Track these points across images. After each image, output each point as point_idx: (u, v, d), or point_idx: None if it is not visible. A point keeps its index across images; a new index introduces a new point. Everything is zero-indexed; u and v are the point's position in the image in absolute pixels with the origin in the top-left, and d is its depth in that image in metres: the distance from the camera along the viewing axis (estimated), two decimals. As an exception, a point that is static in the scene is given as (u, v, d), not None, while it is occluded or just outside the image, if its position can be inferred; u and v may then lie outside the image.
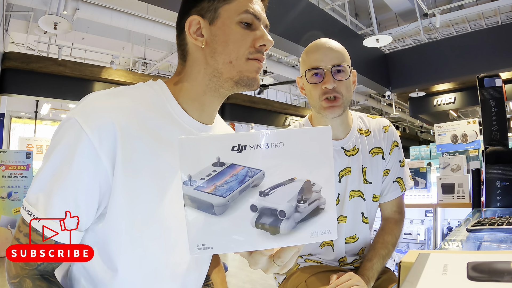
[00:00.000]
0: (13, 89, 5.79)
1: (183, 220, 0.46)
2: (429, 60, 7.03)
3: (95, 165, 0.61)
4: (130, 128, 0.62)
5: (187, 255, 0.66)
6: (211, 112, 0.75)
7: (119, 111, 0.62)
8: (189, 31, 0.69)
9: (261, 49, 0.69)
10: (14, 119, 10.01)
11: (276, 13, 4.87)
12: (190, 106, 0.71)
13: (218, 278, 0.93)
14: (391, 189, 1.18)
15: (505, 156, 1.46)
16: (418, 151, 3.26)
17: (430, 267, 0.42)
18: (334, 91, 1.02)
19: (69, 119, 0.61)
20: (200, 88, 0.71)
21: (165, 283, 0.71)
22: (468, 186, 2.35)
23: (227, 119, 9.23)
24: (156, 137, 0.65)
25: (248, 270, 4.08)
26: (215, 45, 0.68)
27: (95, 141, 0.60)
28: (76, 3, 4.85)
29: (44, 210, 0.60)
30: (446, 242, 0.82)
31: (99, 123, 0.60)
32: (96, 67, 6.50)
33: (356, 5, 6.74)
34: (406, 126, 16.64)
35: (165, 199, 0.66)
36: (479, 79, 1.60)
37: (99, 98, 0.64)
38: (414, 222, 2.77)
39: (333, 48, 1.05)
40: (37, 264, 0.62)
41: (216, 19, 0.68)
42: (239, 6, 0.68)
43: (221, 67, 0.68)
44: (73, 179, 0.60)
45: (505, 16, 6.32)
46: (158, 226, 0.67)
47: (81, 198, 0.61)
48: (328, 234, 0.46)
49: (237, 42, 0.67)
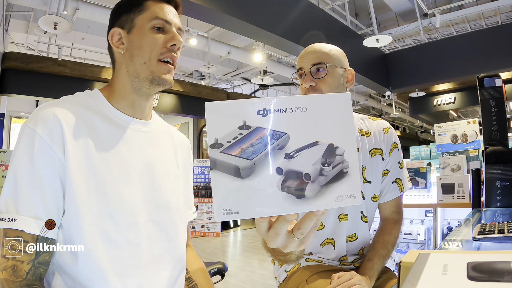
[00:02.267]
0: (13, 89, 5.79)
1: (134, 206, 0.58)
2: (429, 60, 7.03)
3: (52, 159, 0.69)
4: (73, 125, 0.72)
5: (153, 244, 0.78)
6: (143, 109, 0.86)
7: (63, 113, 0.72)
8: (112, 41, 0.82)
9: (172, 49, 0.81)
10: (14, 119, 10.01)
11: (276, 13, 4.87)
12: (122, 105, 0.83)
13: (201, 277, 0.97)
14: (390, 190, 1.20)
15: (505, 156, 1.46)
16: (418, 151, 3.26)
17: (430, 267, 0.42)
18: (313, 89, 1.09)
19: (23, 129, 0.71)
20: (127, 89, 0.82)
21: (130, 271, 0.75)
22: (468, 186, 2.35)
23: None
24: (94, 132, 0.75)
25: (248, 270, 4.07)
26: (133, 50, 0.80)
27: (47, 138, 0.69)
28: (76, 3, 4.85)
29: (16, 211, 0.66)
30: (446, 242, 0.82)
31: (48, 124, 0.70)
32: (96, 67, 6.50)
33: (356, 5, 6.73)
34: (406, 126, 16.64)
35: (109, 184, 0.74)
36: (479, 79, 1.60)
37: (45, 107, 0.73)
38: (414, 222, 2.77)
39: (315, 50, 1.12)
40: (26, 274, 0.66)
41: (133, 28, 0.80)
42: (150, 14, 0.80)
43: (138, 68, 0.80)
44: (37, 176, 0.68)
45: (505, 16, 6.32)
46: (108, 208, 0.73)
47: (48, 192, 0.68)
48: (352, 198, 0.46)
49: (150, 45, 0.79)
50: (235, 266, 4.33)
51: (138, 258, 0.76)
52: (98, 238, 0.71)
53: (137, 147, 0.81)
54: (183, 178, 0.93)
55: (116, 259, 0.72)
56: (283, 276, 1.20)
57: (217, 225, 6.40)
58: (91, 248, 0.70)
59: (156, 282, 0.79)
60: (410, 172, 2.73)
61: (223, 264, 1.49)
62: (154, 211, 0.80)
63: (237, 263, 4.52)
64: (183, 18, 5.94)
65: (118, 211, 0.74)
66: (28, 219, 0.66)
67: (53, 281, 0.72)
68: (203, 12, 4.08)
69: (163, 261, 0.82)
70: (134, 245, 0.75)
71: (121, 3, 0.84)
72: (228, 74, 9.30)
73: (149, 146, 0.84)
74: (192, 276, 0.96)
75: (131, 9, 0.81)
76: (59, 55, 6.13)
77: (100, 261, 0.70)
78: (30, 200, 0.67)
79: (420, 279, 0.39)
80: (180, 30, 0.85)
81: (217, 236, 6.33)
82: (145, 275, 0.77)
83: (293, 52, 5.47)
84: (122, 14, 0.81)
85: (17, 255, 0.65)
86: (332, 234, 1.14)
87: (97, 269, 0.70)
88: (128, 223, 0.75)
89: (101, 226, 0.71)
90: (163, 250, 0.82)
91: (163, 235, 0.82)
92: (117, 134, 0.79)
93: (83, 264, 0.70)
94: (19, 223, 0.65)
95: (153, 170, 0.82)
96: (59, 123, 0.70)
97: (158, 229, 0.81)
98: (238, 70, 8.98)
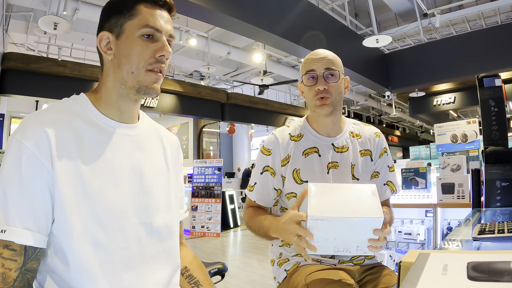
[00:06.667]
0: (13, 90, 5.79)
1: (122, 211, 0.69)
2: (429, 60, 7.03)
3: (40, 170, 0.69)
4: (59, 134, 0.72)
5: (144, 248, 0.79)
6: (130, 112, 0.85)
7: (49, 123, 0.72)
8: (100, 45, 0.80)
9: (160, 59, 0.79)
10: (14, 120, 10.01)
11: (276, 13, 4.87)
12: (109, 110, 0.82)
13: (201, 275, 0.97)
14: (382, 191, 1.27)
15: (505, 156, 1.46)
16: (418, 151, 3.26)
17: (430, 267, 0.43)
18: (325, 92, 1.17)
19: (11, 141, 0.71)
20: (113, 95, 0.81)
21: (120, 274, 0.75)
22: (468, 186, 2.35)
23: (227, 119, 9.23)
24: (81, 139, 0.75)
25: (248, 270, 4.07)
26: (120, 57, 0.78)
27: (35, 150, 0.69)
28: (76, 4, 4.85)
29: (5, 223, 0.66)
30: (446, 242, 0.82)
31: (35, 136, 0.70)
32: (96, 68, 6.49)
33: (356, 5, 6.74)
34: (406, 126, 16.64)
35: (97, 191, 0.74)
36: (478, 79, 1.60)
37: (32, 117, 0.73)
38: (414, 222, 2.77)
39: (326, 56, 1.20)
40: (13, 281, 0.67)
41: (122, 34, 0.78)
42: (140, 21, 0.77)
43: (125, 76, 0.78)
44: (25, 188, 0.68)
45: (504, 16, 6.32)
46: (97, 215, 0.73)
47: (36, 203, 0.69)
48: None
49: (138, 54, 0.77)
50: (235, 266, 4.33)
51: (129, 261, 0.77)
52: (88, 244, 0.72)
53: (124, 151, 0.81)
54: (174, 178, 0.93)
55: (106, 264, 0.73)
56: (282, 276, 1.21)
57: (217, 225, 6.39)
58: (81, 254, 0.71)
59: (150, 283, 0.80)
60: (410, 172, 2.73)
61: (223, 264, 1.48)
62: (144, 214, 0.81)
63: (237, 263, 4.52)
64: (183, 18, 5.94)
65: (106, 217, 0.74)
66: (18, 230, 0.67)
67: (46, 283, 0.74)
68: (203, 13, 4.08)
69: (157, 262, 0.82)
70: (124, 248, 0.76)
71: (112, 3, 0.81)
72: (228, 75, 9.31)
73: (137, 149, 0.84)
74: (193, 273, 0.97)
75: (122, 12, 0.78)
76: (58, 56, 6.14)
77: (90, 266, 0.71)
78: (19, 212, 0.68)
79: (420, 279, 0.39)
80: (171, 37, 0.82)
81: (217, 236, 6.32)
82: (137, 278, 0.78)
83: (292, 52, 5.47)
84: (112, 15, 0.79)
85: (6, 263, 0.67)
86: None
87: (88, 274, 0.71)
88: (117, 228, 0.75)
89: (90, 232, 0.72)
90: (157, 251, 0.82)
91: (155, 236, 0.82)
92: (103, 140, 0.79)
93: (74, 270, 0.71)
94: (9, 234, 0.66)
95: (141, 173, 0.82)
96: (45, 134, 0.71)
97: (149, 231, 0.81)
98: (238, 70, 8.99)
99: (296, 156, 1.21)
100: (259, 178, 1.24)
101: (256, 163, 1.28)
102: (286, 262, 1.22)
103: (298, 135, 1.24)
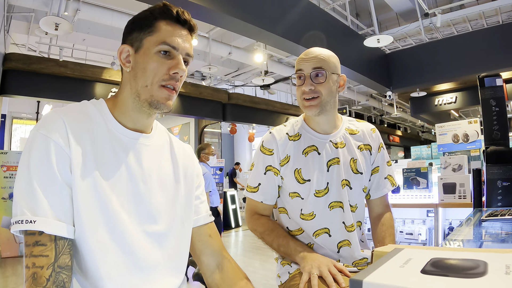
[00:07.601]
0: (15, 90, 5.80)
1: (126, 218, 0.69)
2: (430, 60, 7.02)
3: (67, 162, 0.72)
4: (77, 134, 0.75)
5: (152, 250, 0.80)
6: (143, 124, 0.87)
7: (69, 121, 0.76)
8: (120, 57, 0.83)
9: (174, 76, 0.81)
10: (15, 120, 10.04)
11: (276, 13, 4.87)
12: (123, 119, 0.85)
13: None
14: (383, 185, 1.31)
15: (506, 156, 1.46)
16: (419, 151, 3.25)
17: (394, 260, 0.45)
18: (313, 92, 1.17)
19: (35, 136, 0.73)
20: (128, 105, 0.84)
21: (128, 277, 0.76)
22: (469, 186, 2.35)
23: (228, 119, 9.23)
24: (96, 143, 0.78)
25: (250, 271, 4.07)
26: (137, 71, 0.81)
27: (61, 142, 0.72)
28: (77, 4, 4.86)
29: (35, 213, 0.67)
30: (447, 242, 0.82)
31: (58, 130, 0.73)
32: (97, 68, 6.51)
33: (357, 5, 6.73)
34: (407, 126, 16.62)
35: (107, 194, 0.75)
36: (480, 78, 1.60)
37: (53, 114, 0.76)
38: (415, 222, 2.77)
39: (316, 55, 1.19)
40: (46, 281, 0.65)
41: (140, 48, 0.81)
42: (159, 38, 0.80)
43: (139, 89, 0.81)
44: (56, 179, 0.70)
45: (506, 15, 6.31)
46: (105, 214, 0.75)
47: (65, 193, 0.71)
48: None
49: (153, 70, 0.80)
50: (236, 266, 4.34)
51: (133, 266, 0.77)
52: (96, 244, 0.73)
53: (136, 161, 0.82)
54: (184, 188, 0.93)
55: (111, 266, 0.74)
56: (285, 277, 1.21)
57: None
58: (93, 251, 0.72)
59: None
60: (411, 172, 2.73)
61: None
62: (146, 223, 0.81)
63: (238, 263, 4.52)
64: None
65: (112, 222, 0.75)
66: (49, 220, 0.67)
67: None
68: (204, 13, 4.08)
69: (159, 271, 0.82)
70: (127, 254, 0.77)
71: (136, 18, 0.84)
72: (229, 75, 9.31)
73: (147, 159, 0.85)
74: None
75: (142, 28, 0.81)
76: (60, 56, 6.14)
77: (95, 266, 0.73)
78: (49, 202, 0.68)
79: (378, 269, 0.42)
80: (189, 55, 0.84)
81: (218, 236, 6.33)
82: (142, 285, 0.78)
83: (294, 52, 5.47)
84: (134, 30, 0.82)
85: (36, 261, 0.65)
86: (326, 224, 1.20)
87: (102, 270, 0.73)
88: (121, 233, 0.76)
89: (98, 233, 0.73)
90: (161, 259, 0.83)
91: (156, 245, 0.83)
92: (117, 147, 0.80)
93: (91, 265, 0.72)
94: (39, 224, 0.66)
95: (146, 182, 0.83)
96: (65, 131, 0.74)
97: (151, 240, 0.82)
98: (239, 70, 8.99)
99: (296, 155, 1.21)
100: (262, 178, 1.24)
101: (255, 163, 1.27)
102: (288, 264, 1.22)
103: (296, 134, 1.25)
